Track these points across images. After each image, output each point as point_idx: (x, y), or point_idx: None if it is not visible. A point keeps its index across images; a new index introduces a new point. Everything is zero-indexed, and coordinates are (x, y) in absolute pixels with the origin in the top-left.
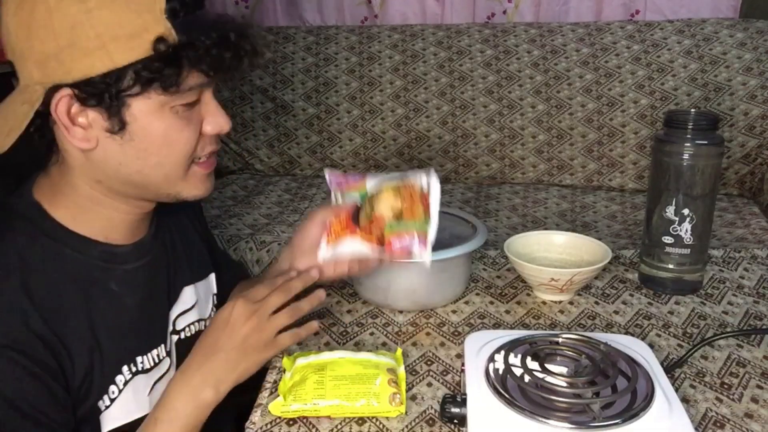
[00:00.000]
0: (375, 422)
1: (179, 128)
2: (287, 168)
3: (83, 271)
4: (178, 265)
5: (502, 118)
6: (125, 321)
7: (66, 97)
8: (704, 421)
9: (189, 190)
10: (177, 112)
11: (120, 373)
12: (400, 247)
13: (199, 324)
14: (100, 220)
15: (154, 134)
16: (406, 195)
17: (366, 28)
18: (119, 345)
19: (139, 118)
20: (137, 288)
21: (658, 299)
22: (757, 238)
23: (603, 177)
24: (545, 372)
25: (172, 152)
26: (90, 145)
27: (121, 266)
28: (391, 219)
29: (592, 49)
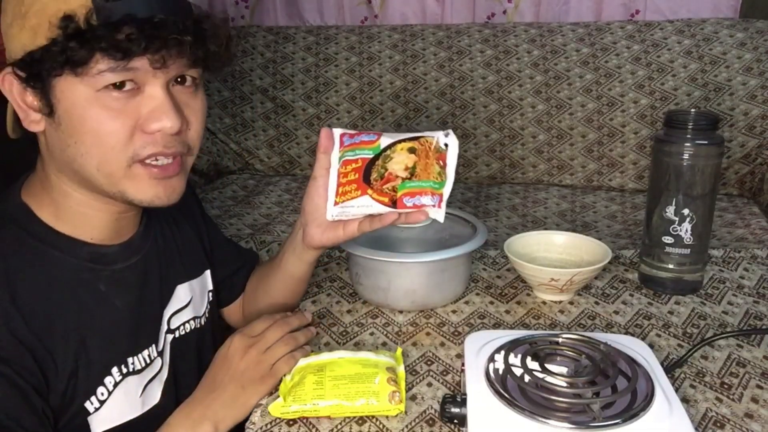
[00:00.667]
0: (375, 422)
1: (104, 117)
2: (287, 168)
3: (71, 272)
4: (171, 263)
5: (502, 118)
6: (115, 322)
7: (8, 75)
8: (704, 421)
9: (134, 192)
10: (105, 100)
11: (109, 375)
12: (413, 204)
13: (195, 322)
14: (83, 220)
15: (77, 119)
16: (421, 153)
17: (366, 28)
18: (108, 346)
19: (62, 101)
20: (127, 288)
21: (658, 299)
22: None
23: (603, 177)
24: (545, 372)
25: (97, 142)
26: (39, 127)
27: (110, 267)
28: (404, 177)
29: (592, 49)
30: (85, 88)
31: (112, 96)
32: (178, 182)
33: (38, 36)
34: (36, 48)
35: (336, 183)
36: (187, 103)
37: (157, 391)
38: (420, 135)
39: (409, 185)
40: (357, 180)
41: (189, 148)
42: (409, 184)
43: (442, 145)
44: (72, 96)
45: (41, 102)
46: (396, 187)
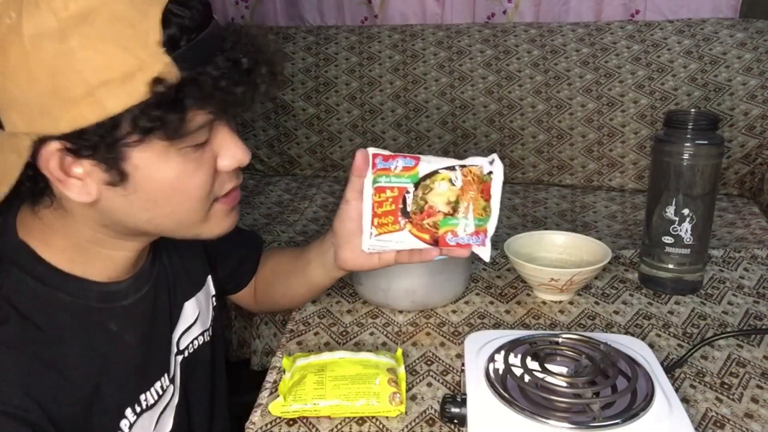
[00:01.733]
0: (375, 422)
1: (190, 173)
2: (287, 168)
3: (81, 316)
4: (179, 281)
5: (502, 118)
6: (126, 361)
7: (56, 152)
8: (704, 421)
9: (210, 229)
10: (186, 154)
11: (124, 418)
12: (456, 243)
13: (202, 337)
14: (102, 260)
15: (162, 183)
16: (464, 184)
17: (366, 28)
18: (121, 389)
19: (141, 168)
20: (137, 322)
21: (658, 299)
22: (757, 238)
23: (603, 177)
24: (545, 372)
25: (186, 199)
26: (90, 198)
27: (120, 303)
28: (446, 212)
29: (592, 49)
30: (165, 150)
31: (190, 150)
32: (238, 208)
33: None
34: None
35: (371, 212)
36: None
37: (169, 420)
38: (462, 163)
39: (452, 222)
40: (394, 212)
41: None
42: (452, 221)
43: (486, 174)
44: (154, 161)
45: (108, 173)
46: (438, 223)
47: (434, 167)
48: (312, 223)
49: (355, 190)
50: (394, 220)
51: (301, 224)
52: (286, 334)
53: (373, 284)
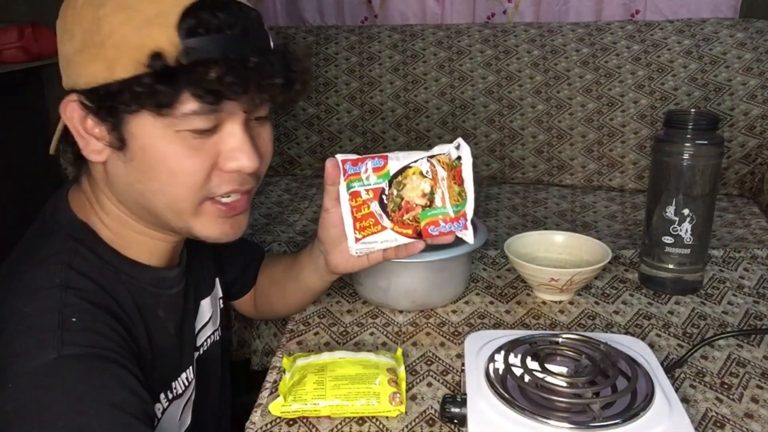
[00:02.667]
0: (375, 422)
1: (183, 156)
2: (287, 168)
3: (137, 297)
4: (198, 280)
5: (502, 118)
6: (167, 347)
7: (73, 102)
8: (704, 421)
9: (201, 228)
10: (185, 138)
11: (159, 402)
12: (439, 232)
13: (214, 335)
14: (142, 246)
15: (153, 157)
16: (435, 174)
17: (366, 28)
18: (160, 372)
19: (137, 137)
20: (177, 312)
21: (658, 299)
22: (757, 238)
23: (603, 177)
24: (545, 372)
25: (174, 182)
26: (101, 157)
27: (167, 291)
28: (423, 204)
29: (592, 49)
30: (164, 127)
31: (189, 134)
32: (244, 218)
33: (117, 70)
34: (112, 81)
35: (351, 218)
36: (260, 134)
37: (188, 414)
38: (429, 154)
39: (431, 213)
40: (373, 214)
41: (258, 178)
42: (431, 212)
43: (455, 160)
44: (150, 134)
45: (111, 135)
46: (417, 216)
47: (403, 163)
48: (312, 223)
49: (332, 198)
50: (375, 221)
51: (301, 224)
52: (286, 334)
53: (373, 284)
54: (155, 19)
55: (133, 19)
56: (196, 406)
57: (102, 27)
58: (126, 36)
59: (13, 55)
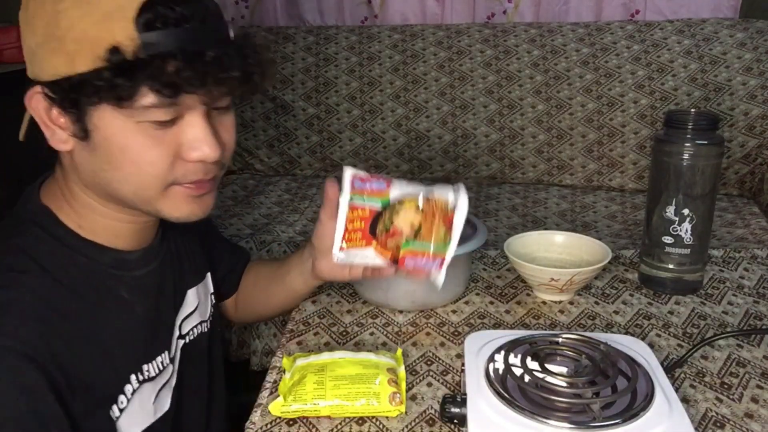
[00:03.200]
0: (375, 422)
1: (145, 147)
2: (287, 168)
3: (96, 278)
4: (183, 268)
5: (502, 118)
6: (134, 329)
7: (37, 94)
8: (704, 421)
9: (169, 210)
10: (144, 129)
11: (128, 383)
12: (414, 266)
13: (202, 326)
14: (106, 229)
15: (115, 148)
16: (428, 211)
17: (366, 28)
18: (128, 354)
19: (100, 128)
20: (146, 294)
21: (658, 299)
22: (757, 238)
23: (603, 177)
24: (545, 372)
25: (137, 171)
26: (66, 147)
27: (131, 273)
28: (409, 235)
29: (592, 49)
30: (125, 119)
31: (149, 126)
32: (210, 198)
33: (77, 63)
34: (73, 74)
35: (343, 227)
36: (222, 123)
37: (167, 398)
38: (430, 189)
39: (413, 245)
40: (363, 230)
41: (223, 167)
42: (413, 244)
43: (451, 205)
44: (111, 125)
45: (74, 126)
46: (400, 244)
47: (404, 192)
48: (312, 223)
49: (328, 213)
50: (362, 236)
51: (301, 224)
52: (286, 334)
53: (373, 284)
54: (113, 14)
55: (91, 13)
56: (178, 392)
57: (61, 21)
58: (85, 30)
59: (13, 55)
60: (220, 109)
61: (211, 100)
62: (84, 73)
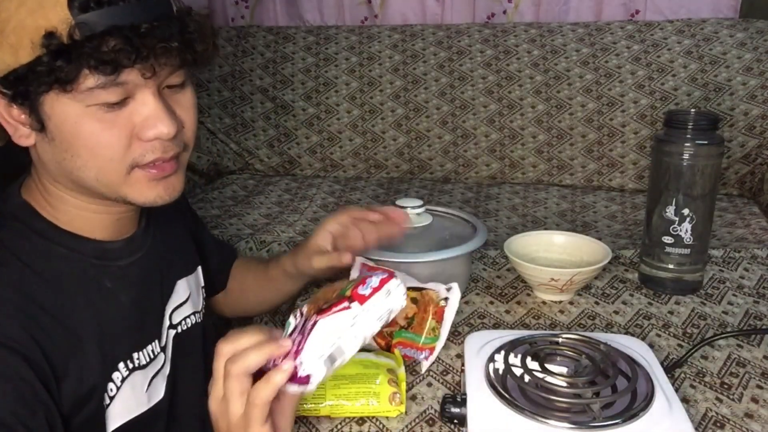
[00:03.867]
0: (375, 422)
1: (97, 131)
2: (287, 168)
3: (77, 269)
4: (171, 258)
5: (502, 118)
6: (121, 318)
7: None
8: (704, 421)
9: (134, 195)
10: (95, 113)
11: (117, 370)
12: (404, 354)
13: (194, 317)
14: (84, 221)
15: (70, 135)
16: (421, 305)
17: (366, 28)
18: (115, 342)
19: (52, 117)
20: (131, 284)
21: (658, 299)
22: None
23: (603, 177)
24: (545, 372)
25: (95, 156)
26: (29, 142)
27: (115, 263)
28: (402, 325)
29: (592, 49)
30: (75, 104)
31: (100, 109)
32: (176, 179)
33: (20, 54)
34: (18, 66)
35: None
36: (178, 101)
37: (161, 387)
38: (423, 287)
39: (404, 335)
40: None
41: (185, 145)
42: (405, 333)
43: (442, 301)
44: (62, 112)
45: (30, 118)
46: (393, 333)
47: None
48: (312, 223)
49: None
50: None
51: (301, 224)
52: None
53: None
54: (47, 1)
55: (26, 2)
56: (172, 382)
57: (2, 13)
58: (23, 20)
59: None
60: (174, 87)
61: (155, 75)
62: (28, 63)
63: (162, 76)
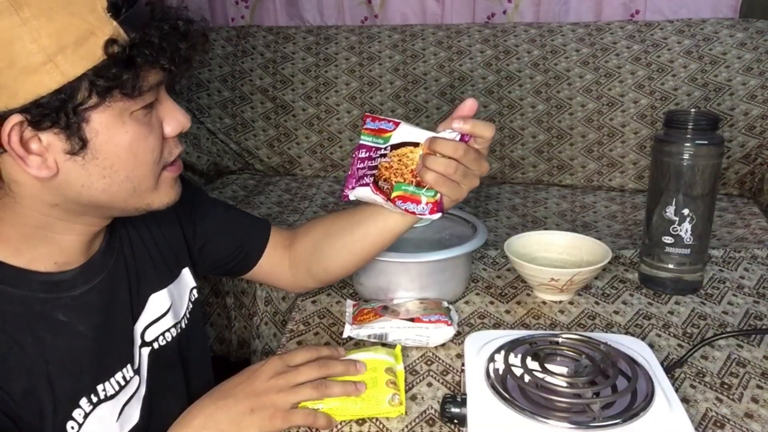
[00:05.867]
0: (375, 422)
1: (144, 136)
2: (287, 168)
3: (22, 306)
4: (143, 272)
5: (503, 118)
6: (79, 350)
7: (17, 125)
8: (704, 421)
9: (160, 198)
10: (138, 118)
11: (77, 407)
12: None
13: (175, 329)
14: (48, 246)
15: (120, 147)
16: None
17: (366, 28)
18: (74, 378)
19: (101, 133)
20: (91, 312)
21: (658, 299)
22: (757, 238)
23: (603, 177)
24: (545, 372)
25: (141, 163)
26: (50, 173)
27: (68, 293)
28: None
29: (592, 49)
30: (120, 115)
31: (141, 113)
32: (179, 179)
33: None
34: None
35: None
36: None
37: (135, 412)
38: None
39: (404, 188)
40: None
41: None
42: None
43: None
44: (111, 125)
45: (68, 141)
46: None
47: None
48: None
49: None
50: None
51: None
52: (286, 334)
53: (373, 284)
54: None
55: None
56: (149, 403)
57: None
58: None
59: None
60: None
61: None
62: (77, 78)
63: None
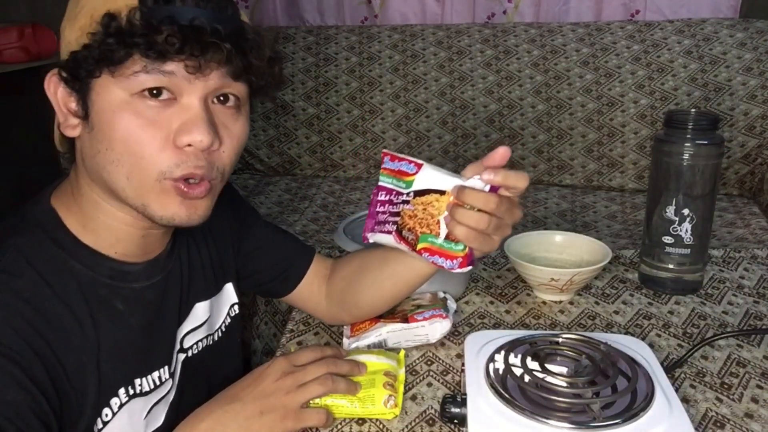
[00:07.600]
0: (375, 422)
1: (135, 125)
2: (287, 168)
3: (89, 287)
4: (194, 280)
5: (502, 118)
6: (128, 342)
7: (54, 77)
8: (704, 421)
9: (157, 207)
10: (143, 107)
11: (116, 396)
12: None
13: (207, 340)
14: (109, 232)
15: (110, 125)
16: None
17: (366, 28)
18: (118, 367)
19: (97, 104)
20: (145, 307)
21: (658, 299)
22: (757, 238)
23: (603, 177)
24: (545, 372)
25: (130, 152)
26: (75, 133)
27: (130, 285)
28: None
29: (592, 49)
30: (120, 91)
31: (146, 104)
32: (202, 204)
33: (83, 35)
34: (79, 48)
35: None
36: (225, 124)
37: (161, 414)
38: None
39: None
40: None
41: (220, 173)
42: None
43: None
44: (107, 98)
45: (78, 105)
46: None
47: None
48: (312, 223)
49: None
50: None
51: (301, 224)
52: (286, 334)
53: None
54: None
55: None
56: (176, 409)
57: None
58: (95, 5)
59: (13, 56)
60: (227, 107)
61: (202, 74)
62: (86, 44)
63: (211, 82)
